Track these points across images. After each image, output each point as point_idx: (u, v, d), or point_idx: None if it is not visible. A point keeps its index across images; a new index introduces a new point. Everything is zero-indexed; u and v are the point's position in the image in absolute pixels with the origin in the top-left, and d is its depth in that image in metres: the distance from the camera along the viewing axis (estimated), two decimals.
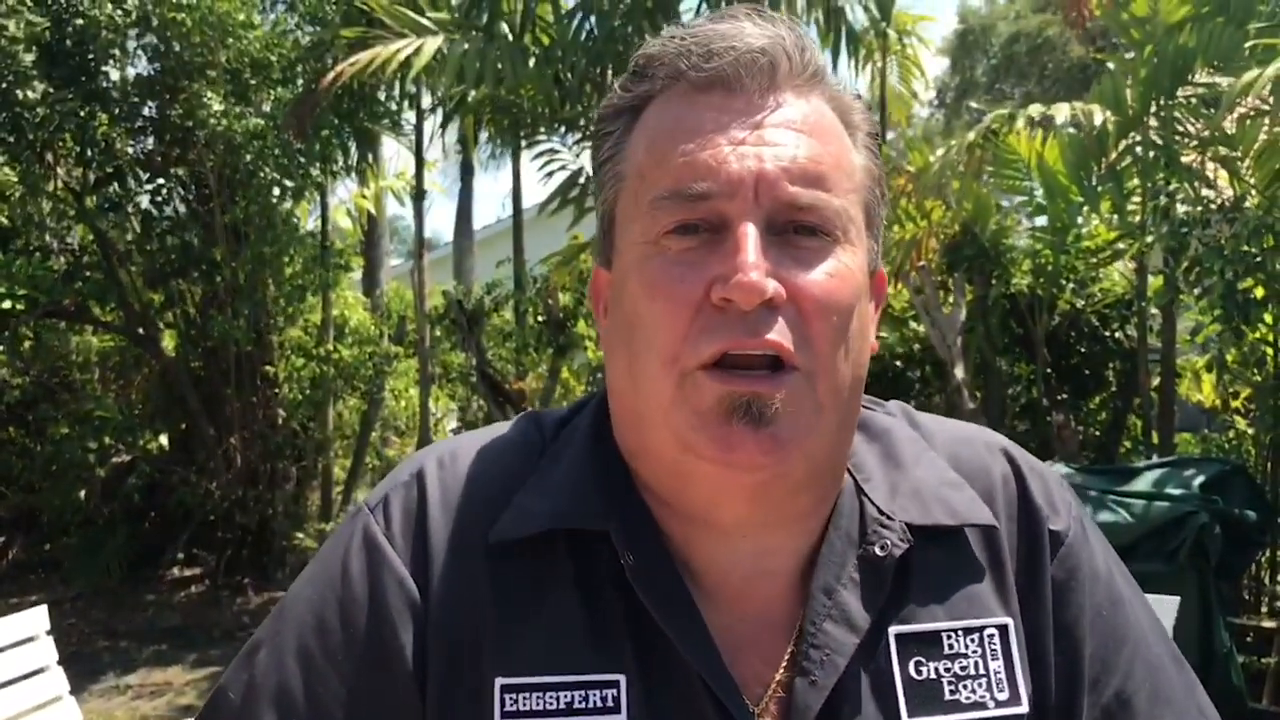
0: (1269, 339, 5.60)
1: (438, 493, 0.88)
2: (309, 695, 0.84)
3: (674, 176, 0.81)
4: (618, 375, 0.86)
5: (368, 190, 9.98)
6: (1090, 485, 4.90)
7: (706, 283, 0.79)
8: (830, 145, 0.84)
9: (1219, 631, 4.58)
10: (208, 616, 7.88)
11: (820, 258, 0.81)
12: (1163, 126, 5.97)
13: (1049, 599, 0.91)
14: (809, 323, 0.80)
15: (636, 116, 0.87)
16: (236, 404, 8.38)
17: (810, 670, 0.83)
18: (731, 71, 0.83)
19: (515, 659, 0.83)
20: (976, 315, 6.59)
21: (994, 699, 0.86)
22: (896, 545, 0.86)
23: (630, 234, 0.85)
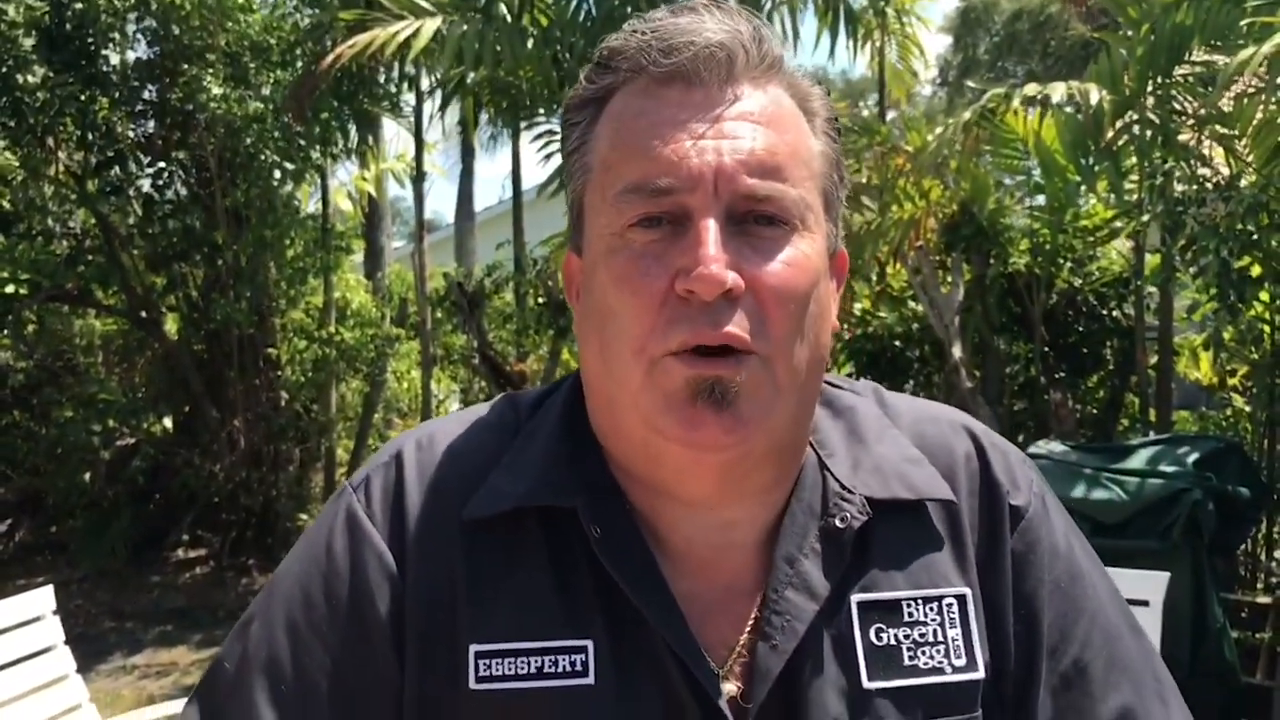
0: (1266, 317, 5.63)
1: (415, 472, 0.93)
2: (296, 665, 0.89)
3: (638, 171, 0.85)
4: (591, 359, 0.90)
5: (368, 172, 9.99)
6: (1085, 463, 4.93)
7: (670, 275, 0.83)
8: (787, 135, 0.87)
9: (1212, 607, 4.62)
10: (212, 597, 7.94)
11: (778, 247, 0.85)
12: (1159, 105, 5.98)
13: (1008, 571, 0.95)
14: (767, 310, 0.83)
15: (601, 108, 0.90)
16: (239, 386, 8.42)
17: (771, 635, 0.87)
18: (690, 66, 0.85)
19: (488, 627, 0.87)
20: (974, 294, 6.61)
21: (951, 665, 0.89)
22: (856, 517, 0.90)
23: (598, 225, 0.88)
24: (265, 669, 0.89)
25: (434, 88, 8.62)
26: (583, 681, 0.85)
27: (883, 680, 0.88)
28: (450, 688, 0.86)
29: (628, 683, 0.86)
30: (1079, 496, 4.69)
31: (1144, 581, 3.45)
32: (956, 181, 6.26)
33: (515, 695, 0.85)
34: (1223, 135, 6.14)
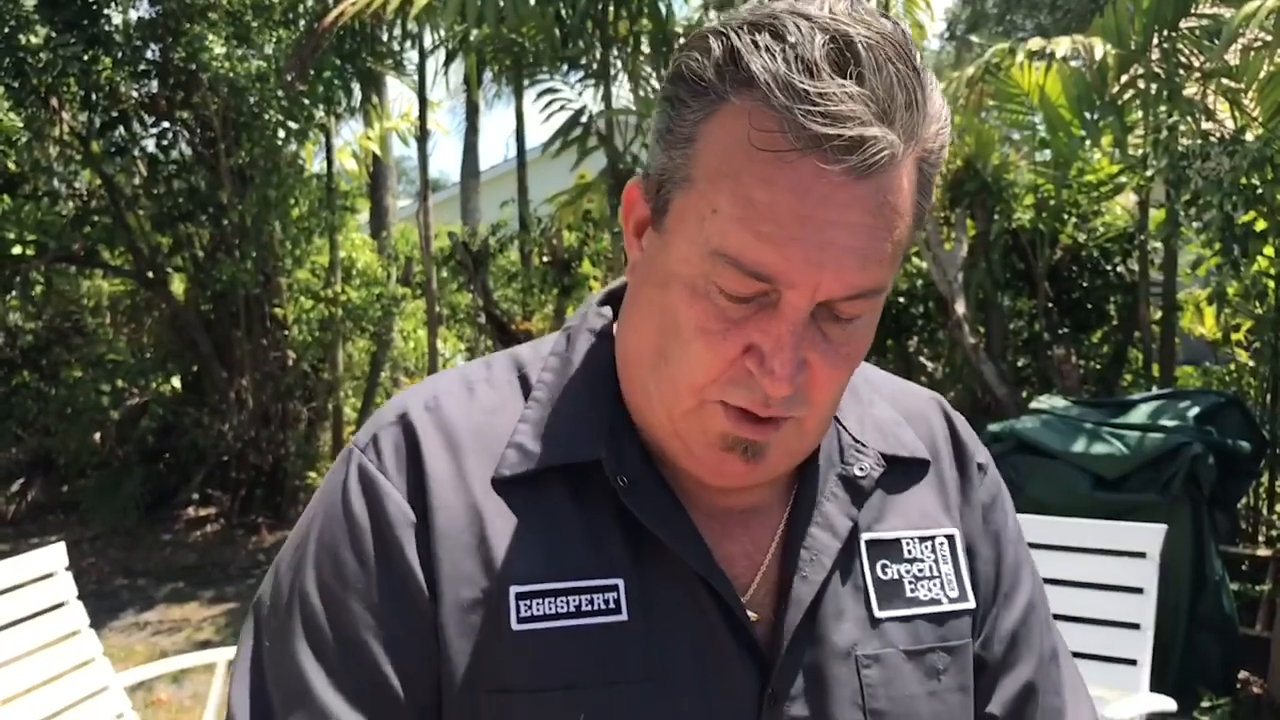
0: (1270, 271, 5.62)
1: (427, 431, 0.94)
2: (335, 626, 0.91)
3: (745, 251, 0.81)
4: (642, 345, 0.91)
5: (372, 132, 9.97)
6: (1086, 417, 4.96)
7: (745, 344, 0.84)
8: (899, 228, 0.83)
9: (1211, 559, 4.66)
10: (223, 555, 8.03)
11: (847, 341, 0.87)
12: (1165, 59, 5.94)
13: (980, 516, 1.06)
14: (816, 392, 0.88)
15: (719, 106, 0.83)
16: (247, 346, 8.46)
17: (802, 568, 0.94)
18: (838, 152, 0.78)
19: (524, 571, 0.90)
20: (978, 251, 6.61)
21: (947, 596, 0.99)
22: (874, 468, 0.99)
23: (685, 240, 0.85)
24: (307, 637, 0.91)
25: (437, 45, 8.60)
26: (617, 618, 0.90)
27: (890, 610, 0.96)
28: (492, 629, 0.89)
29: (659, 617, 0.91)
30: (1080, 451, 4.72)
31: (1141, 534, 3.49)
32: (960, 137, 6.24)
33: (555, 633, 0.89)
34: (1228, 89, 6.10)
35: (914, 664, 0.95)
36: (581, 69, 7.75)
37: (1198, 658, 4.60)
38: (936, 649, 0.97)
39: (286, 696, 0.90)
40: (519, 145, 9.13)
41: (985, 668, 1.02)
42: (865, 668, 0.93)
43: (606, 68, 7.51)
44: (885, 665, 0.94)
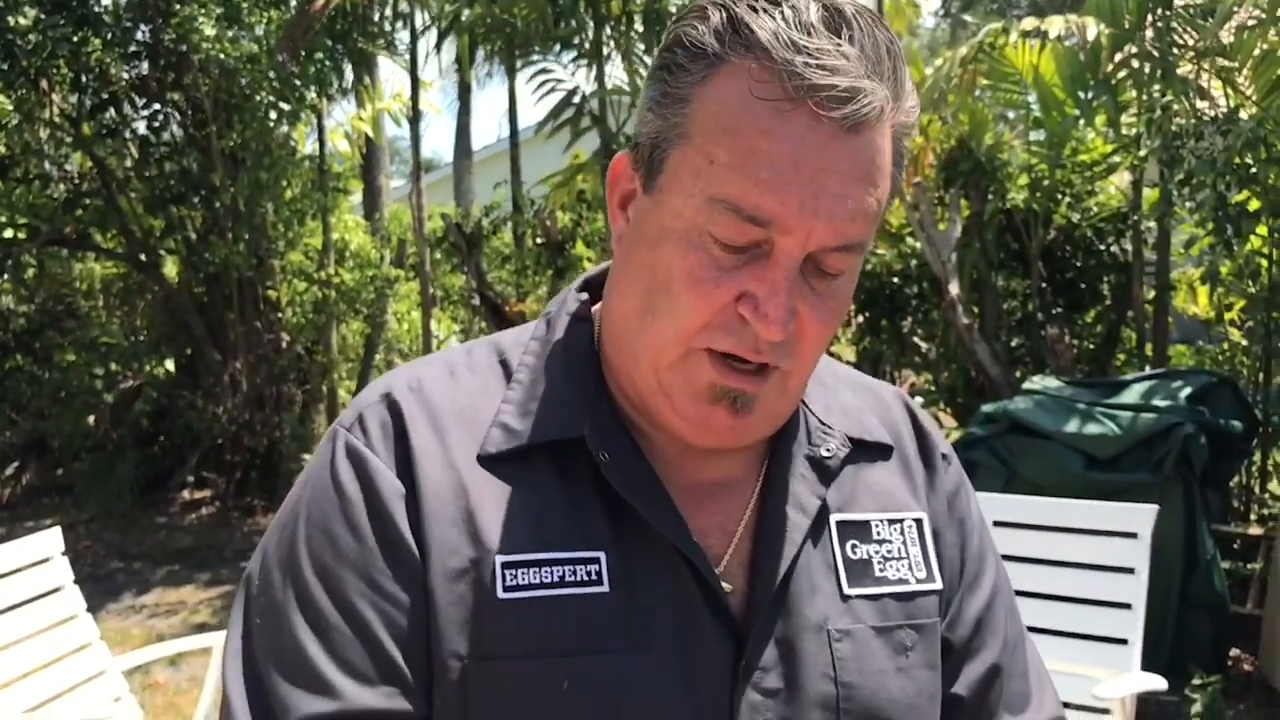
0: (1263, 251, 5.63)
1: (412, 410, 0.96)
2: (334, 599, 0.92)
3: (743, 196, 0.85)
4: (627, 308, 0.95)
5: (364, 112, 9.94)
6: (1078, 397, 4.97)
7: (737, 290, 0.88)
8: (879, 188, 0.88)
9: (1203, 539, 4.68)
10: (219, 537, 8.04)
11: (833, 294, 0.91)
12: (1159, 38, 5.93)
13: (945, 504, 1.10)
14: (804, 342, 0.92)
15: (716, 68, 0.87)
16: (240, 329, 8.45)
17: (773, 543, 0.97)
18: (829, 105, 0.83)
19: (510, 543, 0.92)
20: (972, 231, 6.61)
21: (914, 577, 1.02)
22: (840, 449, 1.03)
23: (679, 194, 0.89)
24: (302, 611, 0.92)
25: (429, 25, 8.56)
26: (599, 590, 0.92)
27: (859, 588, 0.99)
28: (479, 598, 0.91)
29: (639, 590, 0.93)
30: (1073, 431, 4.73)
31: (1133, 514, 3.51)
32: (954, 117, 6.23)
33: (540, 602, 0.91)
34: (1222, 68, 6.09)
35: (883, 640, 0.98)
36: (574, 49, 7.73)
37: (1189, 636, 4.63)
38: (904, 626, 1.00)
39: (284, 671, 0.91)
40: (512, 126, 9.11)
41: (951, 650, 1.05)
42: (836, 641, 0.96)
43: (599, 47, 7.49)
44: (855, 640, 0.97)
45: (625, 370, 0.97)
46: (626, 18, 7.55)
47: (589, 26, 7.56)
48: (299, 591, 0.92)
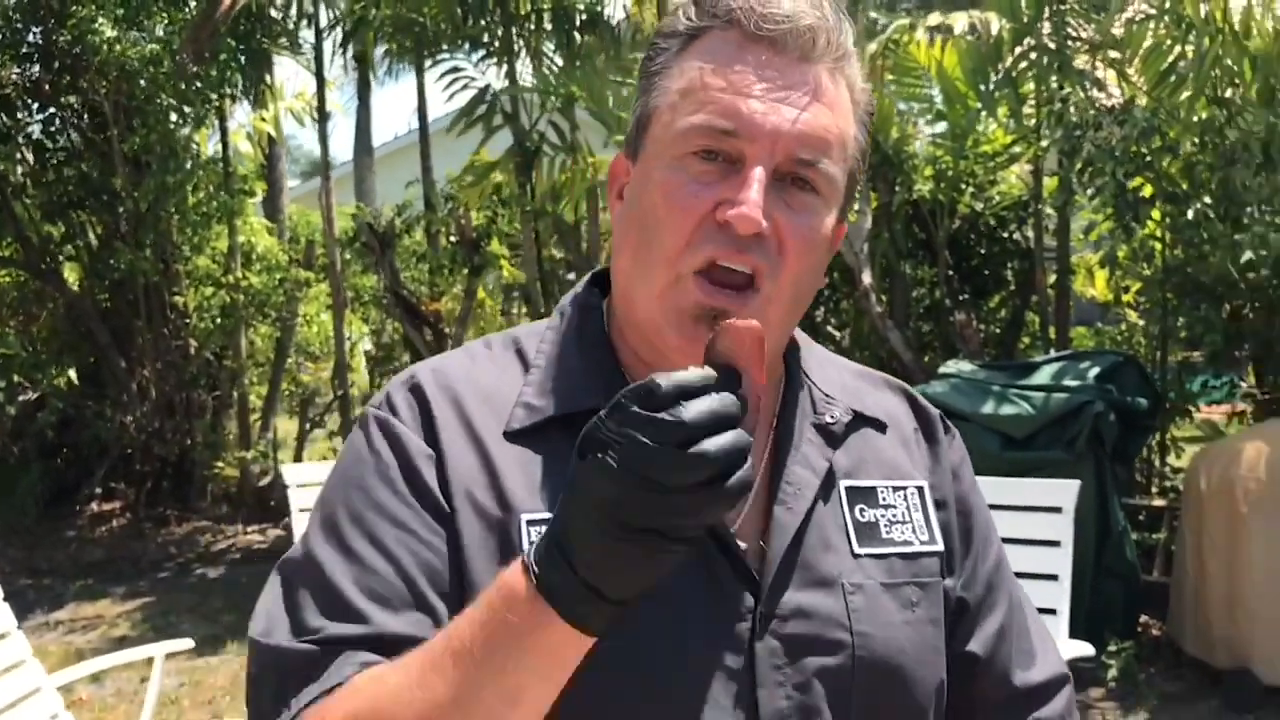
0: (1157, 234, 5.90)
1: (437, 388, 1.05)
2: (368, 539, 0.98)
3: (711, 109, 0.98)
4: (624, 255, 1.04)
5: (266, 113, 9.76)
6: (994, 380, 5.16)
7: (714, 201, 0.97)
8: (839, 119, 1.01)
9: (1115, 511, 4.90)
10: (132, 549, 7.87)
11: (807, 211, 0.99)
12: (1055, 31, 6.16)
13: (951, 475, 1.17)
14: (785, 257, 0.98)
15: (690, 43, 1.02)
16: (147, 335, 8.27)
17: (786, 500, 1.04)
18: (780, 36, 0.98)
19: (534, 504, 0.99)
20: (882, 222, 6.79)
21: (918, 539, 1.10)
22: (843, 416, 1.11)
23: (661, 141, 1.01)
24: (343, 559, 0.98)
25: (333, 24, 8.46)
26: None
27: (868, 548, 1.06)
28: (507, 552, 0.97)
29: None
30: (989, 412, 4.91)
31: (1057, 490, 3.67)
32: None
33: None
34: (1114, 60, 6.35)
35: (890, 595, 1.05)
36: (484, 47, 7.72)
37: (1104, 604, 4.85)
38: (910, 583, 1.06)
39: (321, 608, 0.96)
40: (421, 125, 9.05)
41: (967, 609, 1.13)
42: (850, 594, 1.03)
43: (510, 45, 7.50)
44: (867, 594, 1.04)
45: (630, 317, 1.05)
46: (536, 16, 7.57)
47: (498, 25, 7.56)
48: (338, 542, 0.99)
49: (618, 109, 6.71)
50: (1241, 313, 5.43)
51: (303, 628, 0.96)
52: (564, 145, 7.39)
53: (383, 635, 0.94)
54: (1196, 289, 5.44)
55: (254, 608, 1.03)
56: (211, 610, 6.60)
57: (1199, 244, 5.28)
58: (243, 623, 6.26)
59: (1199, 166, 5.34)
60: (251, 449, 8.72)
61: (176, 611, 6.59)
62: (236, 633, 6.12)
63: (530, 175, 7.38)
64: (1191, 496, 4.83)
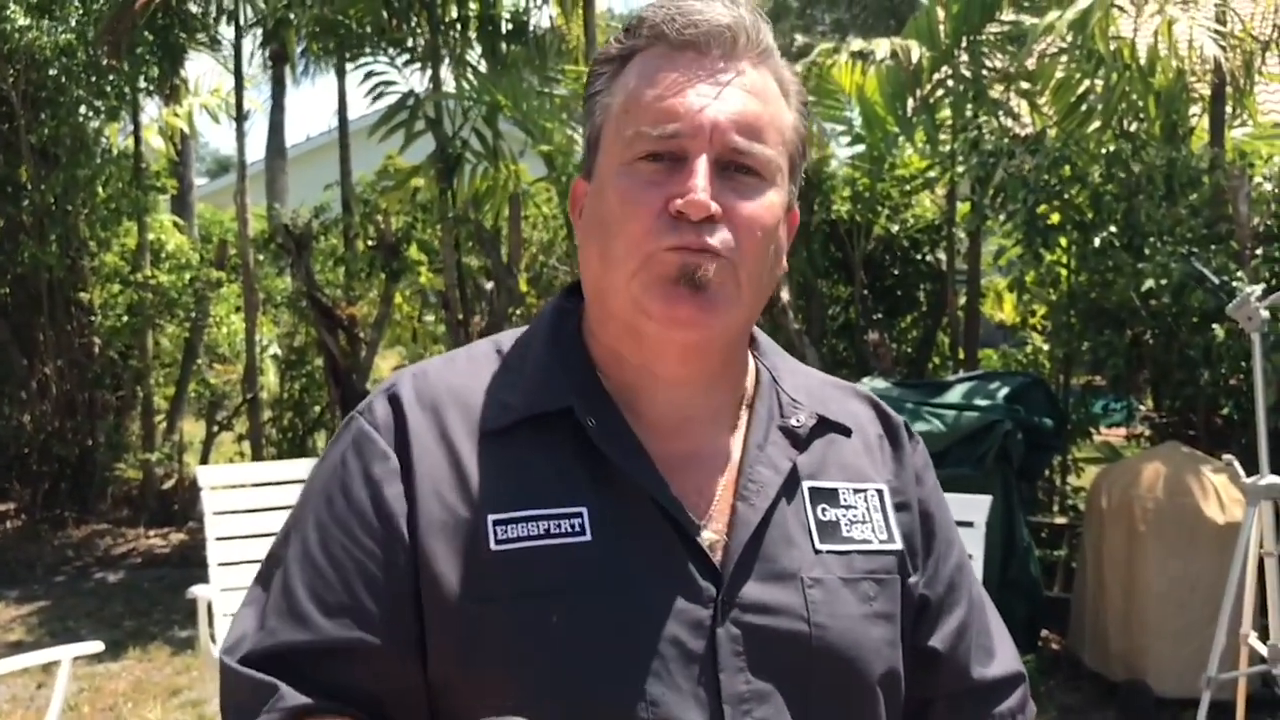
0: (1063, 261, 6.09)
1: (412, 395, 1.12)
2: (325, 552, 1.07)
3: (651, 116, 1.06)
4: (591, 260, 1.11)
5: (180, 108, 9.57)
6: (906, 398, 5.28)
7: (666, 197, 1.04)
8: (770, 106, 1.09)
9: (1020, 528, 5.05)
10: (28, 551, 7.64)
11: (752, 191, 1.06)
12: (972, 61, 6.35)
13: (914, 478, 1.23)
14: (739, 236, 1.05)
15: (624, 64, 1.11)
16: (50, 332, 8.05)
17: (748, 497, 1.10)
18: (702, 39, 1.07)
19: (500, 502, 1.06)
20: (799, 240, 6.90)
21: (876, 539, 1.15)
22: (808, 420, 1.16)
23: (611, 155, 1.09)
24: (301, 562, 1.08)
25: (254, 22, 8.34)
26: (582, 539, 1.04)
27: (829, 545, 1.12)
28: (473, 551, 1.04)
29: (620, 537, 1.05)
30: None
31: (969, 505, 3.78)
32: None
33: (529, 551, 1.03)
34: (1027, 91, 6.57)
35: (849, 589, 1.10)
36: (408, 52, 7.69)
37: (1007, 618, 4.92)
38: (867, 578, 1.12)
39: (278, 609, 1.06)
40: (341, 127, 8.96)
41: (929, 607, 1.19)
42: (809, 588, 1.08)
43: (435, 51, 7.48)
44: (826, 588, 1.09)
45: (603, 315, 1.11)
46: (462, 23, 7.56)
47: (423, 30, 7.53)
48: (302, 546, 1.09)
49: (541, 118, 6.74)
50: (1142, 338, 5.63)
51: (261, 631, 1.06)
52: (486, 153, 7.38)
53: (314, 642, 1.04)
54: (1100, 314, 5.63)
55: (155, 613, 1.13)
56: (112, 615, 6.44)
57: (1104, 271, 5.47)
58: (144, 627, 6.18)
59: (1105, 197, 5.53)
60: (156, 451, 8.53)
61: (74, 616, 6.42)
62: (138, 637, 5.99)
63: (452, 182, 7.36)
64: (1092, 515, 5.00)
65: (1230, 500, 4.54)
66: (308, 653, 1.04)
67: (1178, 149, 5.59)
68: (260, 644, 1.05)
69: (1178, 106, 6.03)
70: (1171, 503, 4.63)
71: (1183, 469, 4.72)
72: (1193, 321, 5.25)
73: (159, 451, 8.56)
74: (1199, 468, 4.72)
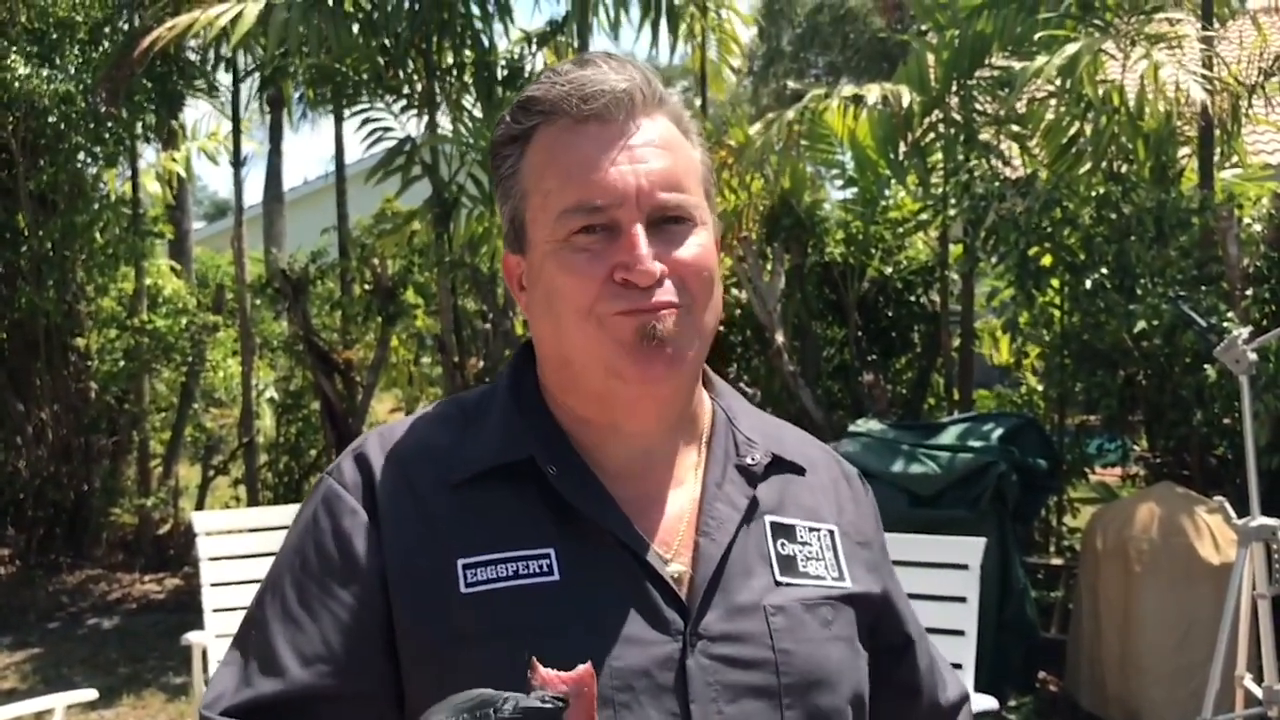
0: (1056, 302, 6.13)
1: (379, 453, 1.17)
2: (302, 604, 1.12)
3: (576, 195, 1.09)
4: (545, 333, 1.16)
5: (177, 153, 9.64)
6: (902, 440, 5.30)
7: (609, 267, 1.08)
8: (679, 154, 1.14)
9: (1015, 569, 5.05)
10: (22, 597, 7.60)
11: (686, 237, 1.12)
12: (963, 105, 6.42)
13: (873, 519, 1.31)
14: (686, 282, 1.11)
15: (527, 141, 1.14)
16: (46, 377, 8.06)
17: (709, 532, 1.14)
18: (603, 109, 1.11)
19: (469, 547, 1.09)
20: (794, 282, 6.94)
21: (830, 576, 1.19)
22: (763, 458, 1.21)
23: (542, 234, 1.13)
24: (279, 620, 1.12)
25: (251, 69, 8.42)
26: (550, 579, 1.08)
27: (787, 577, 1.16)
28: (444, 595, 1.07)
29: (588, 576, 1.09)
30: (898, 471, 5.04)
31: (963, 547, 3.79)
32: (776, 176, 6.57)
33: (499, 593, 1.07)
34: (1017, 134, 6.64)
35: (810, 614, 1.14)
36: (404, 98, 7.76)
37: (1003, 660, 4.97)
38: (824, 604, 1.16)
39: (258, 660, 1.10)
40: (338, 172, 9.03)
41: (911, 644, 1.29)
42: (772, 616, 1.12)
43: (431, 96, 7.55)
44: (789, 614, 1.13)
45: (567, 384, 1.15)
46: (458, 69, 7.63)
47: (420, 77, 7.61)
48: (280, 604, 1.13)
49: None
50: (1135, 379, 5.66)
51: (240, 686, 1.10)
52: (483, 197, 7.43)
53: (291, 691, 1.07)
54: (1093, 355, 5.66)
55: (150, 659, 1.15)
56: (106, 662, 6.40)
57: (1096, 312, 5.50)
58: (138, 674, 6.15)
59: (1096, 238, 5.58)
60: (151, 496, 8.51)
61: (68, 662, 6.38)
62: (132, 684, 5.96)
63: (448, 226, 7.41)
64: (1088, 556, 5.00)
65: (1224, 540, 4.54)
66: (287, 703, 1.07)
67: (1167, 191, 5.64)
68: (240, 697, 1.08)
69: (1167, 149, 6.09)
70: (1166, 543, 4.64)
71: (1177, 509, 4.73)
72: (1185, 362, 5.28)
73: (154, 496, 8.54)
74: (1193, 508, 4.73)
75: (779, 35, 25.25)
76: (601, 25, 7.49)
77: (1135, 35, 5.77)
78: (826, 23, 24.06)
